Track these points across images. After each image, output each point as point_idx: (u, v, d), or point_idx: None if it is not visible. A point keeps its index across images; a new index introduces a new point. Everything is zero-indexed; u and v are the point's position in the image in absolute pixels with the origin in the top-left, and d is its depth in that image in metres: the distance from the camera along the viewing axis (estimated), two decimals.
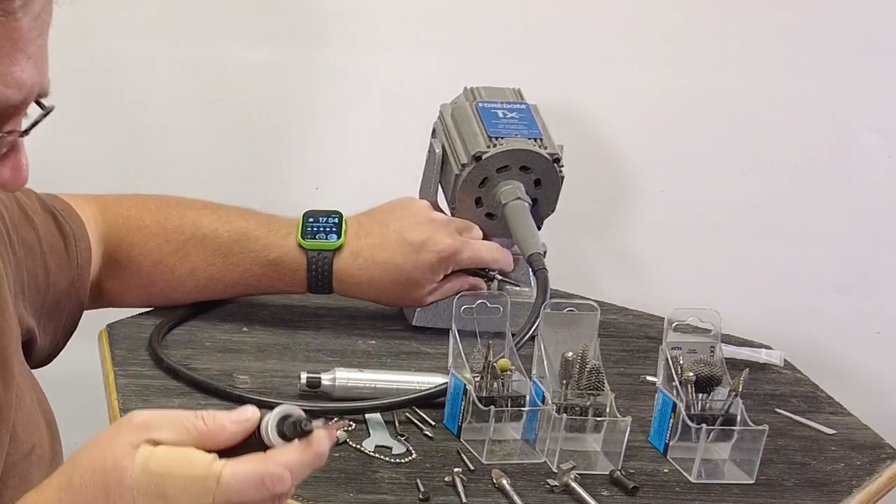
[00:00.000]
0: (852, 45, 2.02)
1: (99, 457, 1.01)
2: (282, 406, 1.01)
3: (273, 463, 0.99)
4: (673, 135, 2.04)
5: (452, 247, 1.56)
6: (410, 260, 1.56)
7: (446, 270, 1.58)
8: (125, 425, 1.02)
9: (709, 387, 1.39)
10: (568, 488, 1.31)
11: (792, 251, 2.09)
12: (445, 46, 1.96)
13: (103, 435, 1.03)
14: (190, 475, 0.99)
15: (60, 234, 1.42)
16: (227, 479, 0.98)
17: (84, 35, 1.93)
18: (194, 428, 1.01)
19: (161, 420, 1.02)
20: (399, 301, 1.62)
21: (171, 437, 1.01)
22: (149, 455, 1.00)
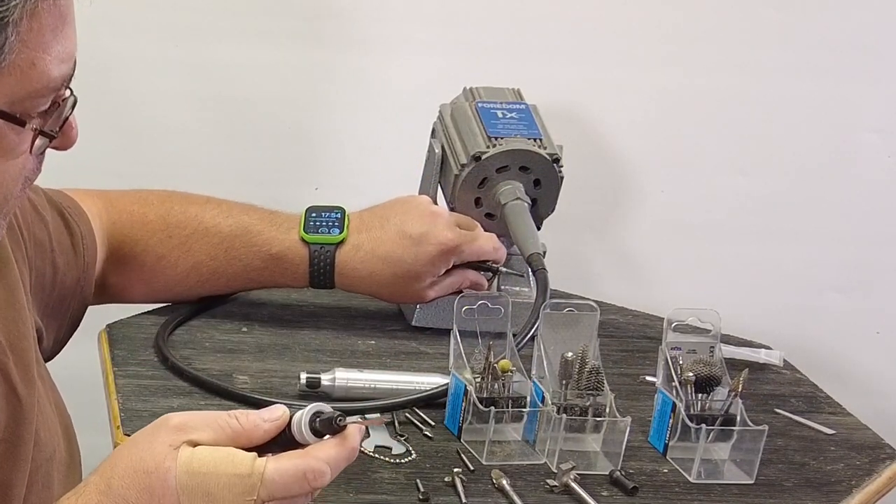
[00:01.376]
0: (852, 45, 2.02)
1: (138, 459, 1.03)
2: (314, 404, 1.04)
3: (314, 459, 1.02)
4: (673, 135, 2.04)
5: (453, 240, 1.55)
6: (411, 253, 1.55)
7: (447, 264, 1.57)
8: (162, 428, 1.04)
9: (708, 387, 1.39)
10: (568, 488, 1.31)
11: (792, 251, 2.09)
12: (445, 47, 1.96)
13: (139, 438, 1.05)
14: (234, 473, 1.01)
15: (68, 231, 1.42)
16: (272, 475, 1.01)
17: (84, 35, 1.93)
18: (229, 427, 1.04)
19: (197, 421, 1.04)
20: (400, 296, 1.61)
21: (208, 437, 1.03)
22: (190, 455, 1.02)
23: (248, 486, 1.01)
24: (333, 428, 1.03)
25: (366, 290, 1.60)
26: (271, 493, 1.02)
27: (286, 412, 1.05)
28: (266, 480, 1.01)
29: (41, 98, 1.04)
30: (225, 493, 1.01)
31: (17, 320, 1.23)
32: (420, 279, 1.57)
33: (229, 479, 1.01)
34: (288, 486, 1.02)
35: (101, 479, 1.04)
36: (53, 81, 1.03)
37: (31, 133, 1.04)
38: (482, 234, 1.59)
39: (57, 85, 1.04)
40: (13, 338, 1.21)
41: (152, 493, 1.02)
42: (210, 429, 1.03)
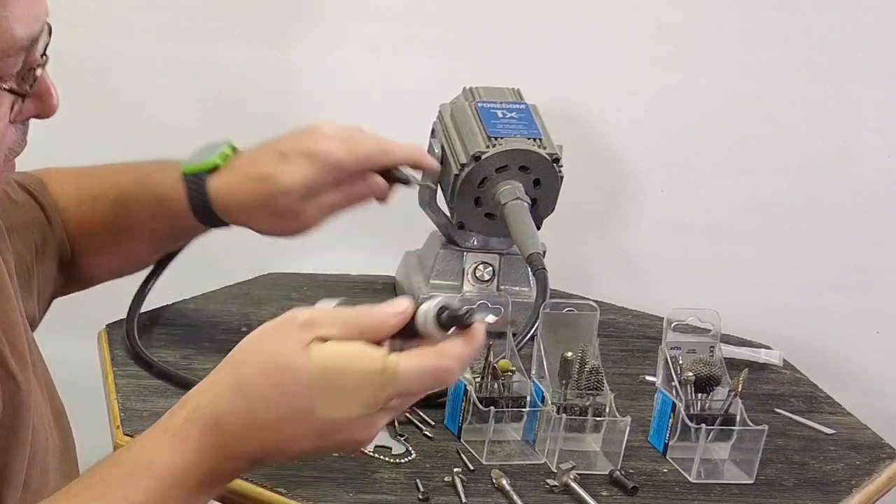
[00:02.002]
0: (852, 45, 2.02)
1: (269, 356, 1.04)
2: (441, 297, 1.05)
3: (446, 357, 1.04)
4: (672, 135, 2.04)
5: (326, 150, 1.41)
6: (281, 168, 1.41)
7: (326, 177, 1.42)
8: (291, 324, 1.04)
9: (708, 387, 1.39)
10: (567, 488, 1.31)
11: (791, 251, 2.09)
12: (445, 46, 1.97)
13: (267, 335, 1.05)
14: (366, 370, 1.03)
15: (39, 206, 1.41)
16: (404, 373, 1.03)
17: (83, 34, 1.93)
18: (358, 324, 1.05)
19: (325, 317, 1.05)
20: (281, 221, 1.45)
21: (337, 333, 1.04)
22: (322, 352, 1.03)
23: (381, 383, 1.03)
24: (460, 323, 1.03)
25: (246, 220, 1.45)
26: (401, 391, 1.04)
27: (410, 305, 1.06)
28: (399, 378, 1.03)
29: (9, 58, 1.03)
30: (357, 390, 1.03)
31: (7, 309, 1.23)
32: (291, 196, 1.41)
33: (362, 376, 1.02)
34: (418, 383, 1.04)
35: (230, 377, 1.05)
36: (19, 41, 1.03)
37: (6, 96, 1.04)
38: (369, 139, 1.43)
39: (24, 44, 1.03)
40: (5, 325, 1.21)
41: (284, 389, 1.02)
42: (339, 325, 1.04)
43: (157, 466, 1.04)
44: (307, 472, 1.30)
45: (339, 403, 1.03)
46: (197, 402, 1.05)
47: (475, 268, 1.66)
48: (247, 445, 1.04)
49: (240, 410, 1.03)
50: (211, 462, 1.04)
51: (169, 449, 1.04)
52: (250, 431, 1.04)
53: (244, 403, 1.03)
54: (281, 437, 1.04)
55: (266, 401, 1.03)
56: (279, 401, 1.03)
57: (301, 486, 1.27)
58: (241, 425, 1.04)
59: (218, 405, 1.04)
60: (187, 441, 1.04)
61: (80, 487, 1.06)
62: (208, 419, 1.04)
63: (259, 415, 1.03)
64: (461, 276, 1.66)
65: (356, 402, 1.03)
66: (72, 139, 1.85)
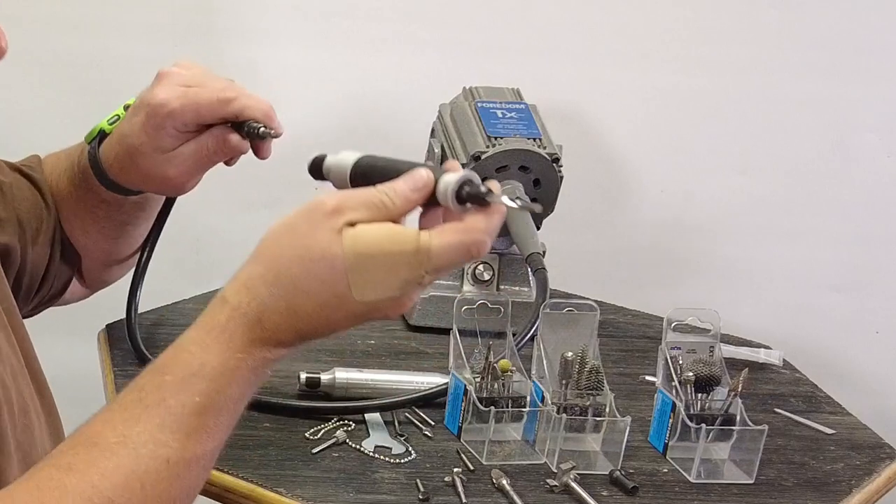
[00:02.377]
0: (852, 45, 2.02)
1: (303, 247, 1.04)
2: (463, 172, 1.05)
3: (476, 231, 1.04)
4: (672, 135, 2.05)
5: (161, 100, 1.31)
6: (129, 124, 1.34)
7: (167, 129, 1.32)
8: (319, 212, 1.05)
9: (708, 387, 1.39)
10: (568, 488, 1.31)
11: (791, 251, 2.10)
12: (445, 46, 1.97)
13: (297, 225, 1.05)
14: (401, 251, 1.03)
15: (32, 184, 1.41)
16: (438, 250, 1.03)
17: (84, 34, 1.93)
18: (383, 204, 1.05)
19: (352, 201, 1.05)
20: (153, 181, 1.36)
21: (365, 216, 1.04)
22: (354, 237, 1.03)
23: (416, 262, 1.03)
24: (479, 202, 1.04)
25: (131, 182, 1.38)
26: (437, 268, 1.04)
27: (430, 177, 1.06)
28: (433, 256, 1.03)
29: None
30: (393, 271, 1.04)
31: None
32: (143, 152, 1.33)
33: (397, 257, 1.03)
34: (452, 259, 1.04)
35: (268, 271, 1.05)
36: None
37: None
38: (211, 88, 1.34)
39: None
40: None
41: (322, 278, 1.04)
42: (365, 208, 1.05)
43: (208, 368, 1.05)
44: (307, 472, 1.30)
45: (377, 286, 1.04)
46: (236, 302, 1.06)
47: (475, 268, 1.66)
48: (289, 335, 1.06)
49: (281, 306, 1.05)
50: (258, 356, 1.06)
51: (215, 348, 1.05)
52: (293, 322, 1.05)
53: (284, 297, 1.05)
54: (321, 323, 1.06)
55: (306, 292, 1.04)
56: (318, 290, 1.04)
57: (301, 486, 1.27)
58: (284, 318, 1.05)
59: (259, 302, 1.05)
60: (234, 339, 1.05)
61: (130, 400, 1.06)
62: (251, 317, 1.05)
63: (299, 306, 1.05)
64: (461, 276, 1.66)
65: (392, 283, 1.04)
66: (71, 138, 1.85)
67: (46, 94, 1.95)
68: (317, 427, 1.38)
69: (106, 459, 1.03)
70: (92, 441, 1.04)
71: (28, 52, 1.93)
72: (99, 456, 1.03)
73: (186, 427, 1.04)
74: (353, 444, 1.36)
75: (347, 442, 1.36)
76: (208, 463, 1.07)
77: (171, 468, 1.04)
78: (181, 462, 1.04)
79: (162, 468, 1.04)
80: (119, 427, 1.05)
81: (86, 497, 1.01)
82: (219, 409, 1.05)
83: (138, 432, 1.04)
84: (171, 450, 1.04)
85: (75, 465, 1.03)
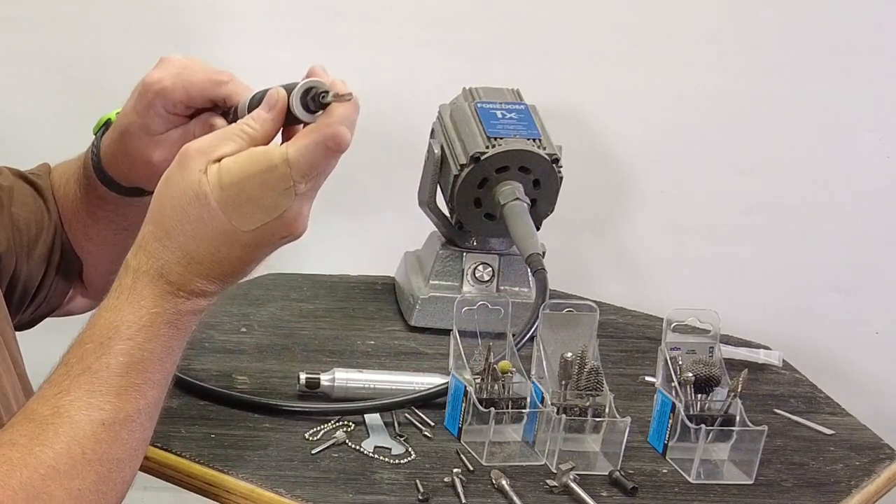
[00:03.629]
0: (852, 46, 2.02)
1: (179, 194, 1.07)
2: (303, 82, 1.09)
3: (328, 126, 1.06)
4: (672, 135, 2.05)
5: (154, 78, 1.27)
6: (125, 106, 1.31)
7: (160, 110, 1.27)
8: (185, 158, 1.08)
9: (708, 387, 1.39)
10: (567, 489, 1.31)
11: (790, 251, 2.10)
12: (444, 47, 1.97)
13: (171, 175, 1.08)
14: (262, 170, 1.05)
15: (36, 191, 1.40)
16: (296, 157, 1.05)
17: (84, 34, 1.93)
18: (243, 132, 1.08)
19: (215, 139, 1.08)
20: (139, 169, 1.31)
21: (231, 149, 1.07)
22: (217, 171, 1.06)
23: (281, 176, 1.05)
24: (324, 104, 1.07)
25: (120, 169, 1.34)
26: (304, 173, 1.06)
27: (283, 95, 1.09)
28: (293, 163, 1.05)
29: None
30: (262, 191, 1.06)
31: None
32: (132, 132, 1.29)
33: (260, 178, 1.05)
34: (315, 160, 1.06)
35: (156, 228, 1.08)
36: None
37: None
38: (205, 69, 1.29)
39: None
40: None
41: (202, 219, 1.06)
42: (229, 141, 1.08)
43: (124, 328, 1.08)
44: (307, 472, 1.30)
45: (255, 211, 1.06)
46: (136, 265, 1.09)
47: (475, 268, 1.66)
48: (199, 282, 1.08)
49: (175, 256, 1.08)
50: (171, 307, 1.08)
51: (128, 309, 1.08)
52: (196, 269, 1.08)
53: (178, 248, 1.07)
54: (224, 262, 1.08)
55: (194, 237, 1.07)
56: (204, 232, 1.07)
57: (301, 486, 1.27)
58: (185, 268, 1.08)
59: (155, 259, 1.08)
60: (143, 298, 1.08)
61: (58, 375, 1.08)
62: (152, 274, 1.08)
63: (194, 251, 1.07)
64: (461, 276, 1.66)
65: (268, 203, 1.06)
66: (71, 139, 1.85)
67: (46, 95, 1.95)
68: (316, 428, 1.38)
69: (43, 431, 1.06)
70: (28, 417, 1.07)
71: (28, 52, 1.93)
72: (36, 429, 1.06)
73: (115, 387, 1.07)
74: (352, 444, 1.36)
75: (347, 443, 1.36)
76: (146, 421, 1.09)
77: (108, 430, 1.07)
78: (117, 422, 1.07)
79: (99, 430, 1.06)
80: (52, 400, 1.07)
81: (31, 468, 1.04)
82: (144, 366, 1.08)
83: (70, 401, 1.06)
84: (105, 412, 1.07)
85: (16, 440, 1.05)
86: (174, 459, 1.31)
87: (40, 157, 1.47)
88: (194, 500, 1.33)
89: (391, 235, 1.83)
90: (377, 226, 2.00)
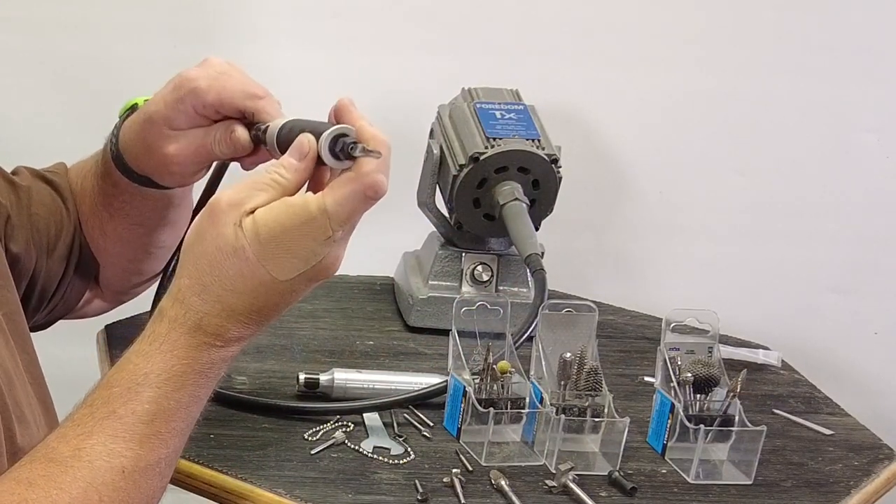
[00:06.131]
0: (851, 46, 2.03)
1: (215, 250, 1.07)
2: (332, 129, 1.09)
3: (365, 175, 1.06)
4: (671, 136, 2.05)
5: (191, 76, 1.27)
6: (154, 96, 1.31)
7: (187, 106, 1.27)
8: (216, 211, 1.07)
9: (707, 387, 1.39)
10: (566, 489, 1.31)
11: (789, 252, 2.10)
12: (443, 47, 1.97)
13: (202, 230, 1.08)
14: (300, 222, 1.06)
15: (55, 191, 1.40)
16: (334, 207, 1.06)
17: (84, 34, 1.93)
18: (275, 182, 1.08)
19: (245, 190, 1.08)
20: (154, 161, 1.32)
21: (262, 200, 1.07)
22: (253, 224, 1.06)
23: (320, 227, 1.06)
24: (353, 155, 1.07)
25: (135, 154, 1.33)
26: (342, 222, 1.07)
27: (313, 143, 1.09)
28: (332, 214, 1.06)
29: None
30: (301, 242, 1.06)
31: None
32: (155, 122, 1.29)
33: (299, 230, 1.06)
34: (354, 210, 1.07)
35: (193, 282, 1.08)
36: None
37: None
38: (243, 80, 1.29)
39: None
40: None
41: (242, 274, 1.07)
42: (260, 192, 1.07)
43: (153, 376, 1.07)
44: (307, 472, 1.30)
45: (293, 261, 1.07)
46: (173, 315, 1.09)
47: (474, 268, 1.66)
48: (233, 331, 1.09)
49: (217, 309, 1.08)
50: (204, 358, 1.08)
51: (159, 357, 1.08)
52: (234, 319, 1.08)
53: (217, 301, 1.08)
54: (260, 309, 1.09)
55: (233, 290, 1.07)
56: (243, 285, 1.07)
57: (300, 487, 1.27)
58: (223, 320, 1.08)
59: (193, 312, 1.08)
60: (176, 347, 1.08)
61: (82, 415, 1.08)
62: (190, 325, 1.08)
63: (233, 304, 1.08)
64: (460, 276, 1.66)
65: (307, 252, 1.07)
66: (71, 139, 1.85)
67: (46, 95, 1.95)
68: (315, 428, 1.38)
69: (63, 473, 1.05)
70: (48, 457, 1.06)
71: (28, 52, 1.93)
72: (56, 470, 1.05)
73: (138, 435, 1.06)
74: (351, 444, 1.36)
75: (346, 443, 1.36)
76: (165, 469, 1.09)
77: (127, 477, 1.06)
78: (137, 470, 1.07)
79: (118, 478, 1.06)
80: (73, 441, 1.07)
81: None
82: (170, 415, 1.08)
83: (91, 444, 1.06)
84: (126, 459, 1.06)
85: (34, 480, 1.05)
86: None
87: (40, 157, 1.47)
88: (194, 500, 1.33)
89: (390, 236, 1.83)
90: (376, 226, 1.99)
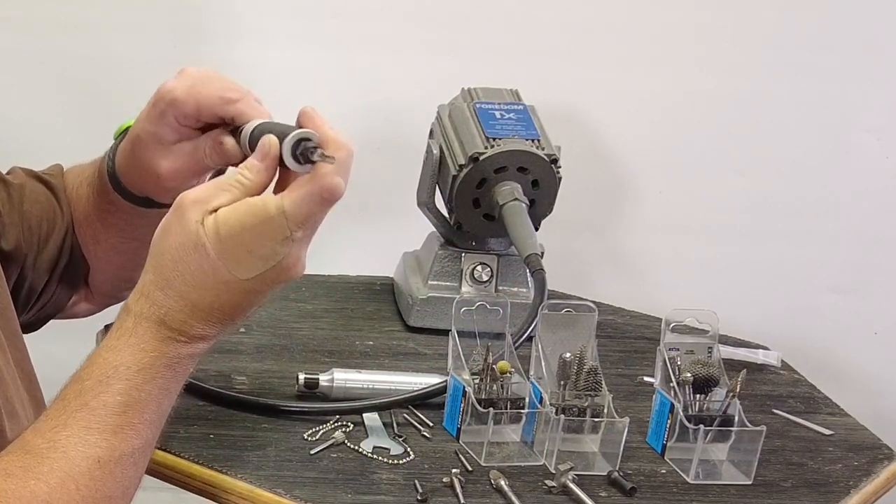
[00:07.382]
0: (851, 46, 2.03)
1: (178, 245, 1.09)
2: (294, 133, 1.10)
3: (322, 177, 1.07)
4: (670, 135, 2.05)
5: (168, 87, 1.27)
6: (138, 120, 1.31)
7: (170, 120, 1.27)
8: (181, 208, 1.09)
9: (706, 387, 1.39)
10: (566, 489, 1.31)
11: (789, 252, 2.10)
12: (443, 47, 1.97)
13: (167, 226, 1.10)
14: (259, 221, 1.07)
15: (50, 191, 1.40)
16: (291, 207, 1.07)
17: (84, 34, 1.93)
18: (238, 183, 1.10)
19: (210, 190, 1.10)
20: (147, 179, 1.32)
21: (226, 199, 1.09)
22: (214, 223, 1.08)
23: (278, 226, 1.07)
24: (312, 160, 1.08)
25: (130, 176, 1.34)
26: (300, 223, 1.08)
27: (275, 144, 1.11)
28: (289, 214, 1.07)
29: None
30: (259, 242, 1.08)
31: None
32: (143, 140, 1.29)
33: (258, 229, 1.07)
34: (311, 210, 1.08)
35: (157, 276, 1.10)
36: None
37: None
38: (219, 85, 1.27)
39: None
40: None
41: (203, 270, 1.08)
42: (224, 192, 1.09)
43: (123, 368, 1.09)
44: (306, 472, 1.30)
45: (253, 260, 1.08)
46: (138, 310, 1.11)
47: (473, 268, 1.66)
48: (197, 327, 1.11)
49: (178, 304, 1.10)
50: (172, 352, 1.10)
51: (128, 351, 1.10)
52: (197, 316, 1.10)
53: (180, 297, 1.09)
54: (225, 308, 1.10)
55: (195, 286, 1.09)
56: (205, 281, 1.09)
57: (300, 487, 1.27)
58: (187, 315, 1.10)
59: (157, 307, 1.10)
60: (143, 340, 1.10)
61: (56, 409, 1.10)
62: (154, 320, 1.10)
63: (196, 300, 1.09)
64: (459, 276, 1.66)
65: (266, 251, 1.08)
66: (71, 139, 1.85)
67: (46, 95, 1.95)
68: (315, 428, 1.38)
69: (39, 464, 1.07)
70: (24, 449, 1.08)
71: (28, 52, 1.93)
72: (32, 462, 1.07)
73: (111, 426, 1.09)
74: (351, 444, 1.36)
75: (346, 443, 1.36)
76: (140, 459, 1.11)
77: (102, 466, 1.08)
78: (112, 460, 1.09)
79: (94, 468, 1.08)
80: (48, 434, 1.08)
81: (25, 501, 1.05)
82: (142, 406, 1.10)
83: (66, 436, 1.08)
84: (101, 449, 1.08)
85: (11, 471, 1.06)
86: (173, 460, 1.31)
87: (39, 157, 1.47)
88: (193, 500, 1.33)
89: (390, 236, 1.84)
90: (376, 226, 2.00)
